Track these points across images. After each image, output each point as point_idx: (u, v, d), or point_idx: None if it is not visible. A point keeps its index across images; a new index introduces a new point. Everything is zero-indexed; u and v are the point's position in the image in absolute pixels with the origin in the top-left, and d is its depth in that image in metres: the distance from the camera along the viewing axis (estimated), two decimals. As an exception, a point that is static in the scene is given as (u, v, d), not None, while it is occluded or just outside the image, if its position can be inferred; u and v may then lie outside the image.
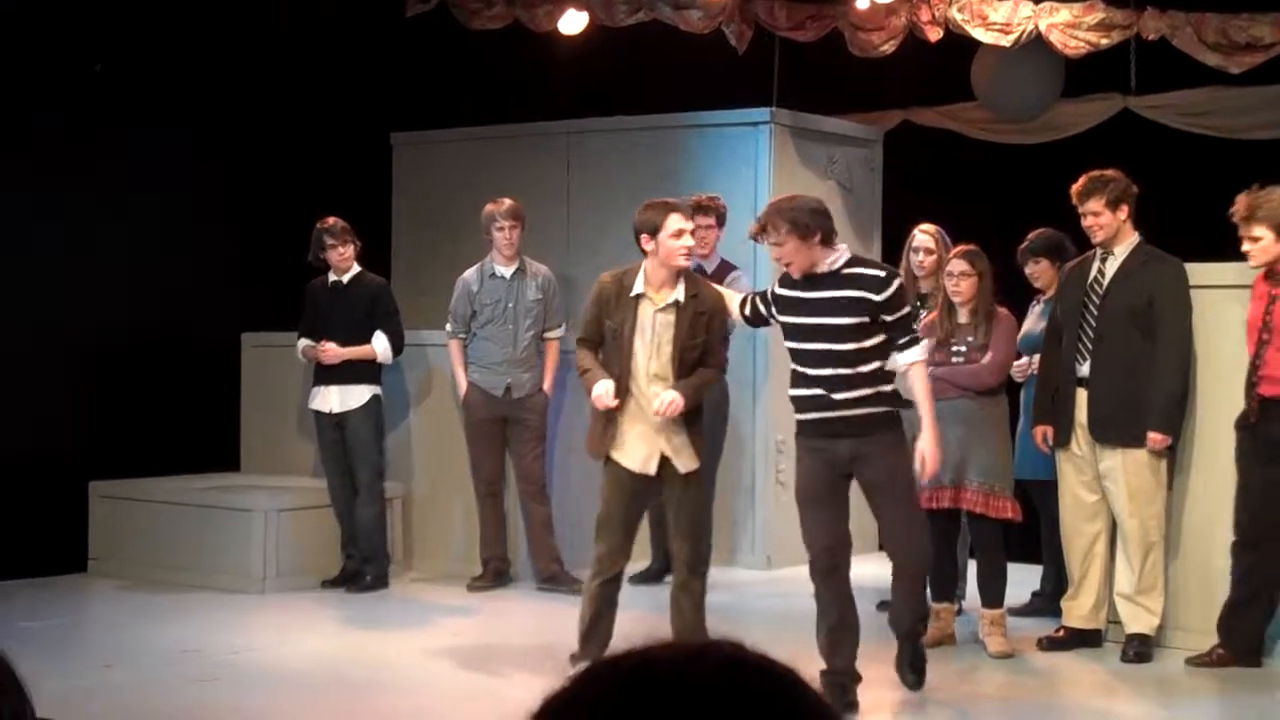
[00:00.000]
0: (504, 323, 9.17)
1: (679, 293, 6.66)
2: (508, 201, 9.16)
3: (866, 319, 6.22)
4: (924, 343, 6.46)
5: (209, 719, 6.36)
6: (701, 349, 6.69)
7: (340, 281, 9.33)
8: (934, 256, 8.21)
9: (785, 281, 6.45)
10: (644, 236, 6.63)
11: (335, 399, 9.27)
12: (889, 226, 10.31)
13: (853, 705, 6.37)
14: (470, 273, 9.30)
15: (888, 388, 6.33)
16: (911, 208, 9.80)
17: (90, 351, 10.18)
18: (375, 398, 9.29)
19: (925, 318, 7.89)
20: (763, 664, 1.12)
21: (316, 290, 9.40)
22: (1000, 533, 7.57)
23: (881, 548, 7.07)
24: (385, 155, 11.40)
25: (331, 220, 9.27)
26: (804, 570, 9.69)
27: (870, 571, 9.62)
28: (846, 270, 6.28)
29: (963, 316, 7.65)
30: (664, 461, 6.68)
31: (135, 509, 9.67)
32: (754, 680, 1.10)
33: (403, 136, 11.35)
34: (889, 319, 6.26)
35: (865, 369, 6.26)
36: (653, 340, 6.65)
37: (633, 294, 6.67)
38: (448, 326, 9.30)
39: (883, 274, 6.33)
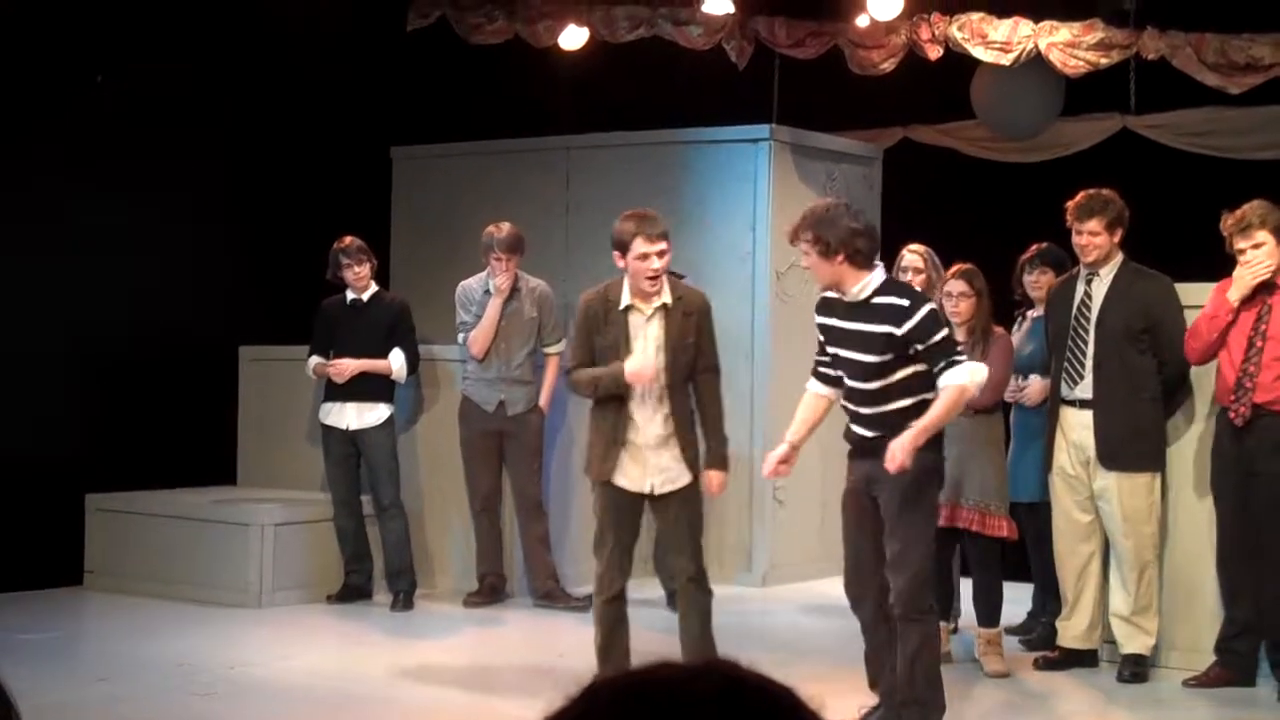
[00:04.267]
0: (499, 340, 9.17)
1: (665, 297, 6.64)
2: (507, 228, 9.09)
3: (890, 355, 6.00)
4: (969, 366, 6.10)
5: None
6: (694, 350, 6.66)
7: (360, 300, 9.34)
8: (923, 276, 8.22)
9: (823, 308, 6.30)
10: (615, 254, 6.64)
11: (352, 416, 9.27)
12: (888, 244, 10.27)
13: None
14: (473, 281, 9.29)
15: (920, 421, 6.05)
16: (910, 225, 9.81)
17: (88, 364, 10.19)
18: (391, 415, 9.31)
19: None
20: (761, 683, 1.12)
21: (333, 308, 9.40)
22: (996, 551, 7.57)
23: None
24: (385, 169, 11.42)
25: (348, 240, 9.28)
26: (800, 588, 9.77)
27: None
28: (874, 300, 6.05)
29: (960, 335, 7.64)
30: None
31: (132, 522, 9.67)
32: (751, 700, 1.10)
33: (402, 151, 11.36)
34: (921, 348, 5.99)
35: (890, 407, 6.07)
36: (645, 350, 6.60)
37: (621, 307, 6.63)
38: (460, 337, 9.29)
39: (906, 303, 6.02)
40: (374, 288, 9.43)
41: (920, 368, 6.04)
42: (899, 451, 5.95)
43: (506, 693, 7.04)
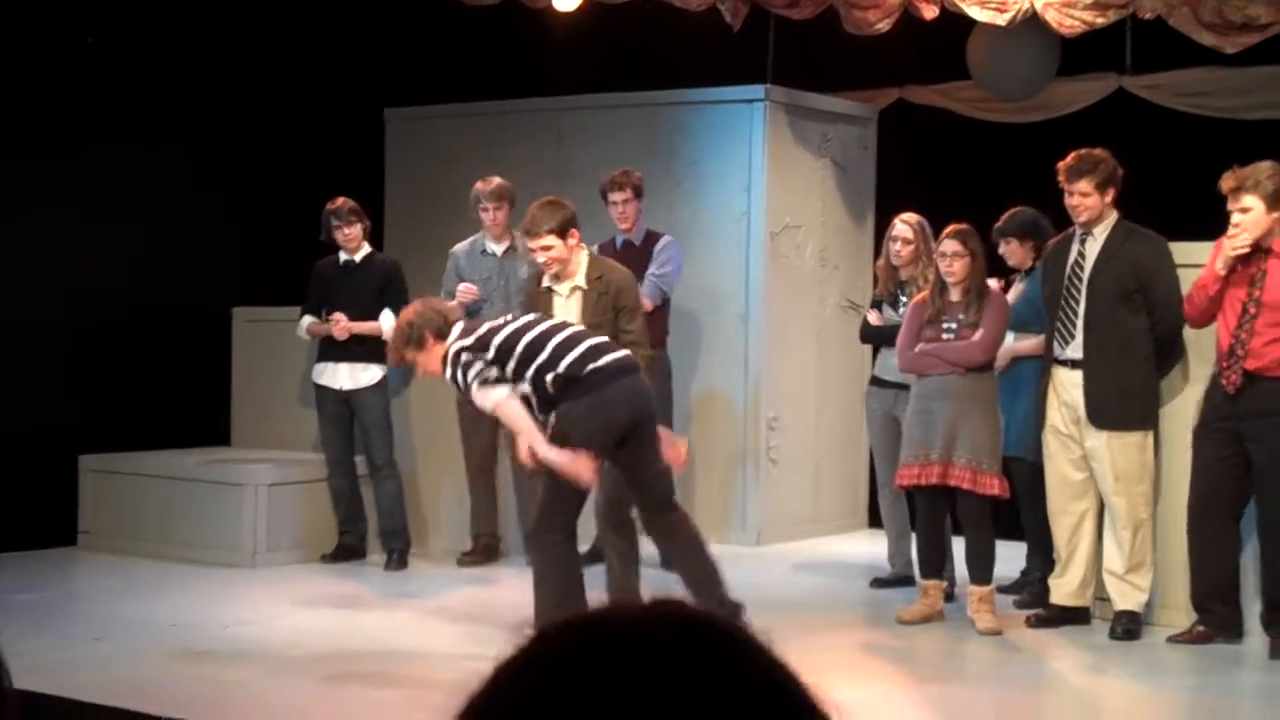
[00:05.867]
0: (495, 300, 9.16)
1: (579, 279, 7.02)
2: (496, 181, 9.15)
3: None
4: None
5: (199, 692, 6.35)
6: (612, 327, 6.89)
7: (352, 261, 9.35)
8: (912, 247, 8.25)
9: None
10: None
11: (345, 376, 9.28)
12: (883, 205, 10.30)
13: None
14: (461, 247, 9.31)
15: None
16: (905, 186, 9.81)
17: (81, 325, 10.18)
18: (385, 376, 9.32)
19: (910, 302, 7.93)
20: (710, 619, 1.12)
21: (325, 269, 9.41)
22: (988, 509, 7.58)
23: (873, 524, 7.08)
24: (378, 131, 11.37)
25: (340, 201, 9.29)
26: (794, 547, 9.78)
27: (862, 548, 9.68)
28: None
29: (954, 295, 7.65)
30: None
31: (125, 482, 9.67)
32: (703, 635, 1.10)
33: (395, 112, 11.32)
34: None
35: None
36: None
37: (542, 286, 7.13)
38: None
39: None
40: (366, 249, 9.42)
41: None
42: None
43: (499, 649, 7.03)
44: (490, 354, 6.48)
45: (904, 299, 8.21)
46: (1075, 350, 7.47)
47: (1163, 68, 9.97)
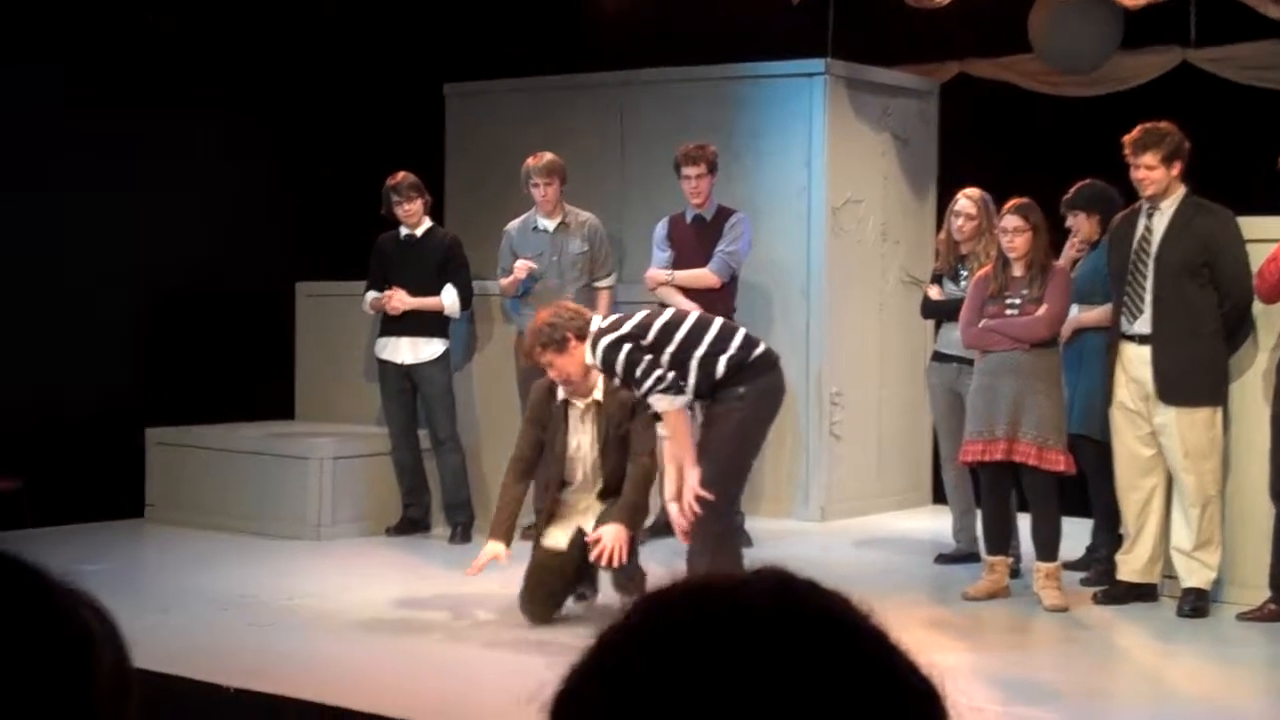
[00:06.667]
0: (550, 276, 9.18)
1: (596, 393, 6.87)
2: (547, 156, 9.14)
3: None
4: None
5: (264, 664, 6.40)
6: (625, 438, 6.86)
7: (413, 235, 9.38)
8: (975, 222, 8.21)
9: None
10: None
11: (406, 351, 9.32)
12: (945, 179, 10.25)
13: None
14: (514, 224, 9.33)
15: None
16: (967, 160, 9.77)
17: (148, 301, 10.28)
18: (447, 350, 9.35)
19: (971, 277, 7.90)
20: (813, 586, 1.13)
21: (386, 244, 9.45)
22: (1054, 485, 7.54)
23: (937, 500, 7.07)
24: (438, 106, 11.39)
25: (401, 176, 9.31)
26: (858, 523, 9.77)
27: (926, 524, 9.66)
28: None
29: (1017, 270, 7.62)
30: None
31: (191, 455, 9.75)
32: (806, 602, 1.11)
33: (455, 87, 11.33)
34: None
35: None
36: (579, 445, 6.96)
37: (559, 399, 6.95)
38: (500, 279, 9.35)
39: None
40: (427, 223, 9.45)
41: None
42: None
43: (563, 623, 7.07)
44: (649, 338, 6.50)
45: (965, 274, 8.18)
46: (1143, 325, 7.42)
47: (1228, 41, 9.88)
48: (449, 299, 9.32)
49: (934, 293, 8.46)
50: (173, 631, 6.86)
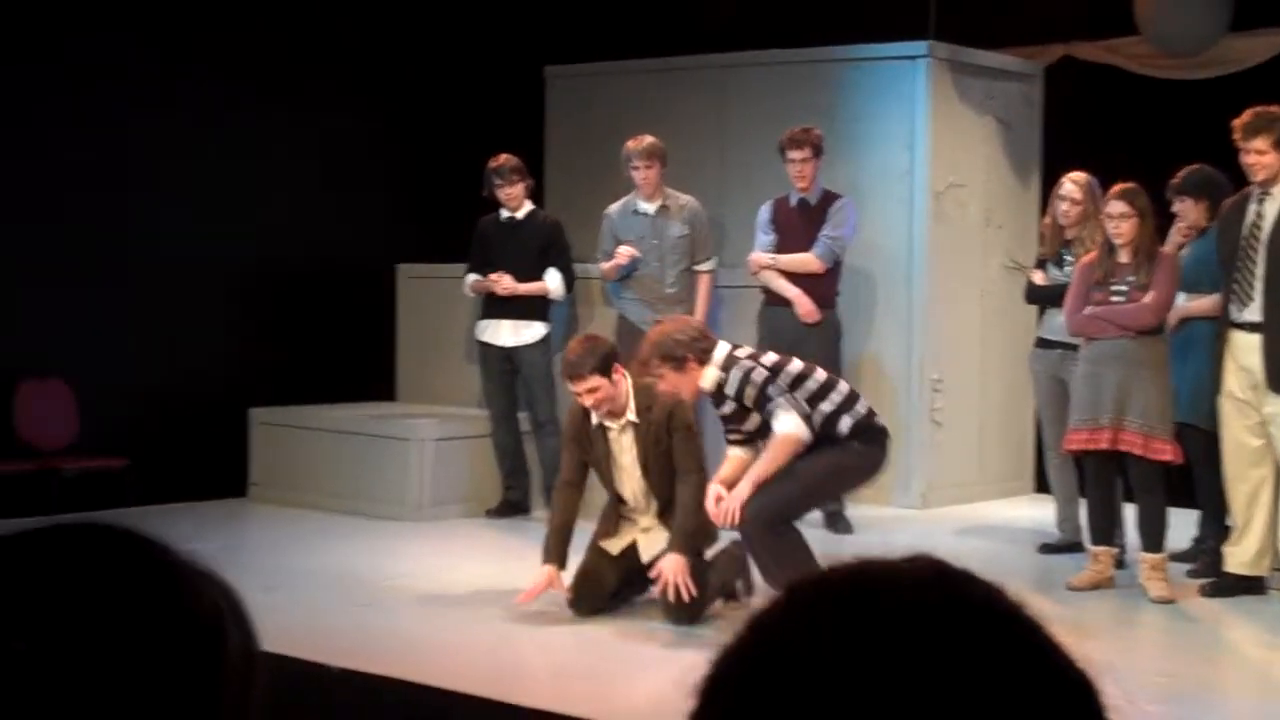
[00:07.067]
0: (650, 260, 9.17)
1: (629, 414, 6.79)
2: (647, 139, 9.12)
3: None
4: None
5: (365, 642, 6.44)
6: (667, 457, 6.78)
7: (514, 218, 9.40)
8: (1080, 207, 8.10)
9: None
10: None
11: (507, 333, 9.36)
12: (1049, 164, 10.14)
13: None
14: (614, 207, 9.33)
15: None
16: (1072, 144, 9.65)
17: (251, 283, 10.39)
18: (548, 333, 9.37)
19: (1076, 262, 7.81)
20: (970, 576, 1.11)
21: (487, 226, 9.47)
22: (1160, 475, 7.45)
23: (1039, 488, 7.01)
24: (539, 89, 11.41)
25: (503, 159, 9.33)
26: (959, 510, 9.70)
27: (1028, 513, 9.58)
28: None
29: (1123, 256, 7.52)
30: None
31: (294, 435, 9.84)
32: (969, 589, 1.09)
33: (556, 70, 11.34)
34: None
35: None
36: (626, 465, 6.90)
37: (594, 423, 6.87)
38: (600, 263, 9.35)
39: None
40: (528, 206, 9.46)
41: None
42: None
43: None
44: (785, 378, 6.51)
45: (1069, 259, 8.08)
46: (1253, 313, 7.29)
47: (1342, 22, 9.69)
48: (553, 282, 9.34)
49: (1038, 278, 8.37)
50: (275, 610, 6.90)
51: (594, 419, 6.87)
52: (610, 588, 7.04)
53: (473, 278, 9.47)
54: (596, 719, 5.39)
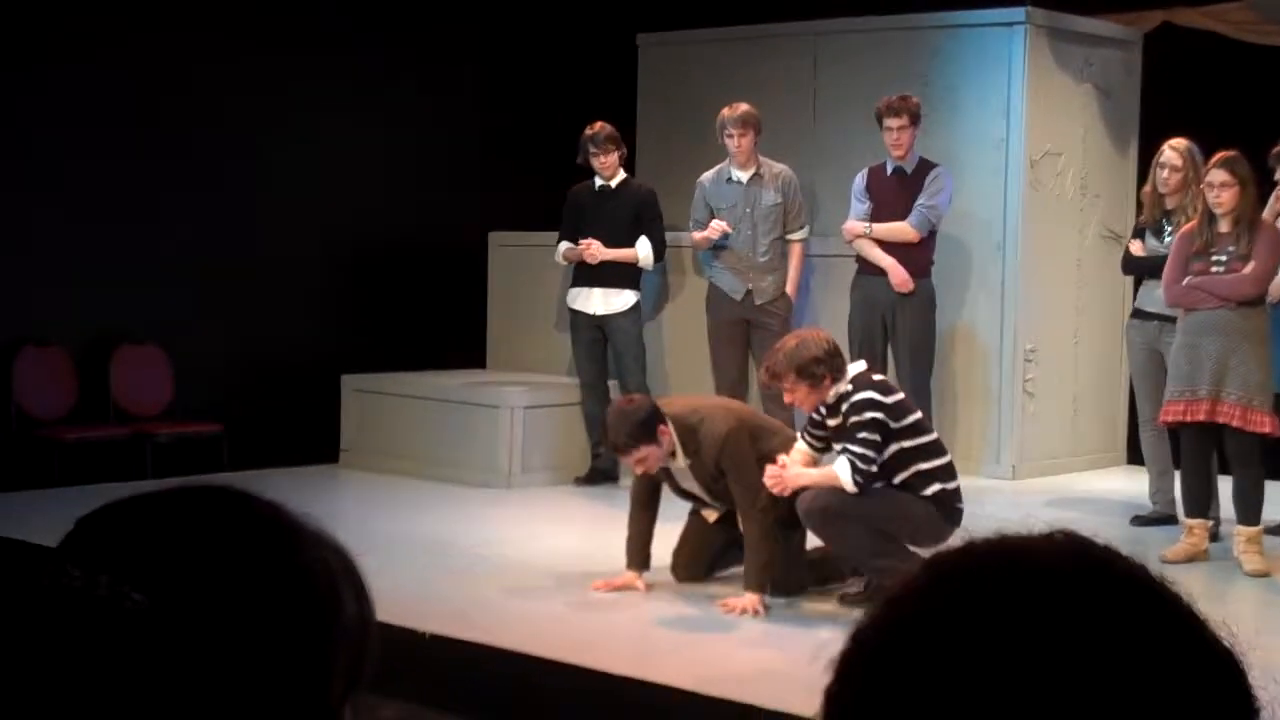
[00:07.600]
0: (743, 228, 9.14)
1: (679, 460, 6.71)
2: (742, 107, 9.08)
3: None
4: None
5: (456, 608, 6.48)
6: (726, 490, 6.73)
7: (607, 186, 9.40)
8: (1180, 175, 7.98)
9: None
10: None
11: (598, 301, 9.36)
12: (1148, 132, 10.00)
13: None
14: (707, 175, 9.30)
15: None
16: (1172, 112, 9.50)
17: (345, 252, 10.47)
18: (638, 302, 9.37)
19: (1176, 232, 7.70)
20: (1114, 551, 1.09)
21: (580, 194, 9.48)
22: (1258, 448, 7.34)
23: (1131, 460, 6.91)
24: (631, 56, 11.38)
25: (598, 127, 9.33)
26: (1049, 481, 9.62)
27: (1120, 485, 9.48)
28: None
29: (1224, 226, 7.40)
30: None
31: (386, 402, 9.90)
32: (1112, 564, 1.07)
33: (649, 37, 11.31)
34: None
35: None
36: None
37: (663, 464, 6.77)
38: (692, 231, 9.34)
39: None
40: (622, 175, 9.46)
41: None
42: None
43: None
44: (896, 425, 6.42)
45: (1169, 229, 7.97)
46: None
47: None
48: (644, 251, 9.33)
49: (1136, 248, 8.26)
50: (370, 574, 6.93)
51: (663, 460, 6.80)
52: (709, 555, 7.03)
53: (564, 246, 9.48)
54: (687, 688, 5.39)
